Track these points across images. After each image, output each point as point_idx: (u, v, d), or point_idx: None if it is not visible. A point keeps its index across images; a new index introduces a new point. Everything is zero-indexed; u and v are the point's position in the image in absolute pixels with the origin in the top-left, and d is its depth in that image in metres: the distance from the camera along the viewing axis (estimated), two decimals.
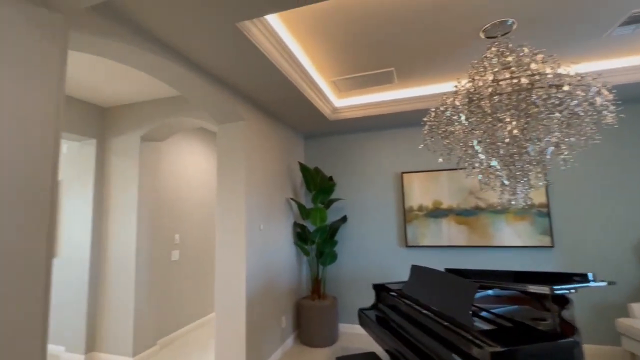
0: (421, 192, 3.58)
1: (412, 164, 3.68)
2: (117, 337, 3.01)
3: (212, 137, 4.44)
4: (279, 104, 2.89)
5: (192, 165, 4.00)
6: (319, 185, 3.65)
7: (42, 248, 1.14)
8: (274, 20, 1.88)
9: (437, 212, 3.50)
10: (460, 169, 3.37)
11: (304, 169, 3.58)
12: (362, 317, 2.42)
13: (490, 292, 2.33)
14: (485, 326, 1.68)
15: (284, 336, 3.22)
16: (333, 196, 3.97)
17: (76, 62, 2.37)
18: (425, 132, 2.10)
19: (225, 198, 2.68)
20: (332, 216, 3.95)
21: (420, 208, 3.56)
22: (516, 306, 2.05)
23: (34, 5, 1.14)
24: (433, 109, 1.99)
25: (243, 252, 2.58)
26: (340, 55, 2.37)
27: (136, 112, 3.20)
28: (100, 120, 3.30)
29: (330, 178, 3.91)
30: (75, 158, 3.29)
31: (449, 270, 2.66)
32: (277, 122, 3.35)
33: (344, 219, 3.81)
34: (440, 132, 2.02)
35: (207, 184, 4.28)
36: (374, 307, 2.53)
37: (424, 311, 1.93)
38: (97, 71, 2.53)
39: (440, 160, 2.03)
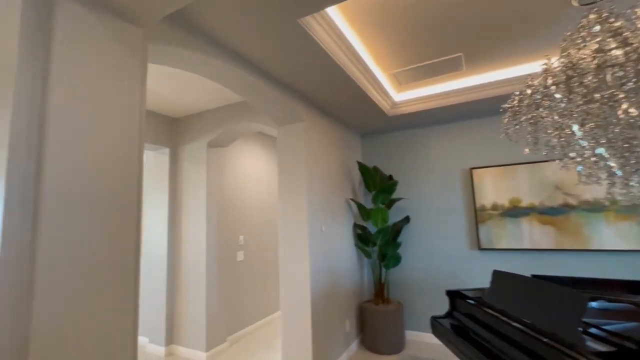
0: (495, 189, 3.22)
1: (483, 158, 3.34)
2: (192, 332, 3.21)
3: (271, 141, 4.56)
4: (337, 102, 2.82)
5: (252, 168, 4.15)
6: (378, 185, 3.50)
7: (132, 248, 1.21)
8: (333, 12, 1.81)
9: (515, 211, 3.12)
10: (550, 160, 2.96)
11: (362, 168, 3.47)
12: (436, 326, 2.22)
13: (594, 304, 1.97)
14: (600, 347, 1.40)
15: (348, 340, 3.14)
16: (394, 196, 3.79)
17: (149, 75, 2.58)
18: (506, 120, 1.85)
19: (287, 199, 2.69)
20: (393, 217, 3.77)
21: (495, 207, 3.20)
22: (634, 323, 1.69)
23: (117, 20, 1.22)
24: (517, 93, 1.74)
25: (306, 253, 2.55)
26: (400, 45, 2.22)
27: (203, 121, 3.40)
28: (172, 130, 3.57)
29: (390, 177, 3.74)
30: (151, 166, 3.61)
31: (536, 277, 2.33)
32: (334, 122, 3.30)
33: (406, 220, 3.60)
34: (525, 118, 1.76)
35: (267, 187, 4.40)
36: (448, 315, 2.32)
37: (514, 324, 1.69)
38: (168, 83, 2.73)
39: (527, 151, 1.76)
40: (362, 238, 3.49)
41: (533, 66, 2.54)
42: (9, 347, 0.90)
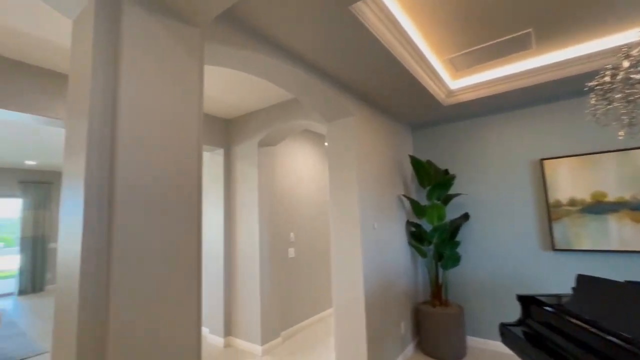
0: (572, 181, 2.83)
1: (557, 147, 2.96)
2: (247, 325, 3.32)
3: (318, 138, 4.56)
4: (388, 93, 2.70)
5: (301, 165, 4.17)
6: (433, 180, 3.29)
7: (194, 244, 1.24)
8: None
9: (599, 207, 2.71)
10: None
11: (415, 162, 3.29)
12: (507, 334, 2.00)
13: None
14: None
15: (404, 343, 3.00)
16: (451, 191, 3.54)
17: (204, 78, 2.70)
18: (593, 100, 1.59)
19: (338, 196, 2.63)
20: (450, 214, 3.53)
21: (573, 202, 2.82)
22: None
23: (175, 21, 1.26)
24: (608, 67, 1.48)
25: (359, 251, 2.48)
26: (457, 26, 2.04)
27: (253, 121, 3.49)
28: (226, 131, 3.73)
29: (446, 171, 3.50)
30: (207, 166, 3.81)
31: (631, 284, 1.98)
32: (384, 115, 3.17)
33: (465, 217, 3.34)
34: (620, 96, 1.49)
35: (316, 183, 4.40)
36: (520, 322, 2.08)
37: (610, 337, 1.44)
38: (219, 86, 2.83)
39: (621, 134, 1.50)
40: (417, 236, 3.31)
41: (618, 38, 2.16)
42: (91, 326, 0.97)
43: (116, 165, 1.05)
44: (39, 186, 6.73)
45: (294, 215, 3.94)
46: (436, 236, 3.14)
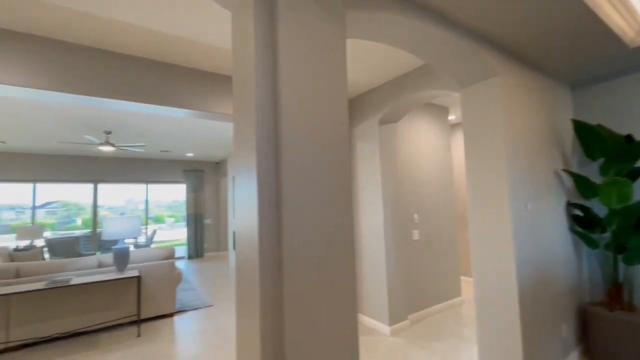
0: None
1: None
2: (375, 304, 3.34)
3: (440, 111, 4.13)
4: (545, 43, 2.16)
5: (423, 142, 3.87)
6: (610, 150, 2.53)
7: (351, 225, 1.23)
8: None
9: None
10: None
11: (581, 127, 2.59)
12: None
13: None
14: None
15: (566, 349, 2.48)
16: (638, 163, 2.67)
17: None
18: None
19: (478, 171, 2.29)
20: (636, 194, 2.68)
21: None
22: None
23: None
24: None
25: (509, 236, 2.11)
26: None
27: (373, 98, 3.38)
28: (348, 111, 3.74)
29: (629, 137, 2.64)
30: None
31: None
32: (534, 72, 2.58)
33: None
34: None
35: (439, 161, 4.03)
36: None
37: None
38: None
39: None
40: (583, 221, 2.65)
41: None
42: (271, 306, 1.06)
43: (280, 164, 1.08)
44: (196, 174, 8.36)
45: (417, 196, 3.71)
46: (615, 222, 2.43)
